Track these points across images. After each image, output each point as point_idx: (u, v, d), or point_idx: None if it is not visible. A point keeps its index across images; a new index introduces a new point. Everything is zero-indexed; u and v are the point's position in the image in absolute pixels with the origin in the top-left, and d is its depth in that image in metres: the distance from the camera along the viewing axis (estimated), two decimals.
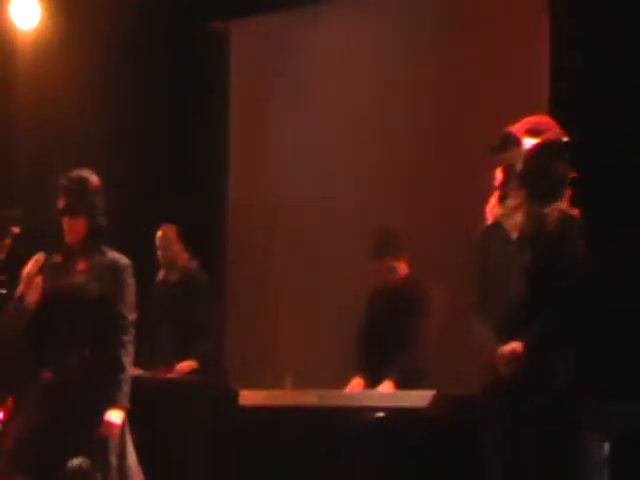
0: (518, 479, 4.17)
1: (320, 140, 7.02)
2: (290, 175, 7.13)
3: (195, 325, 6.48)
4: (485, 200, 4.48)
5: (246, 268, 7.28)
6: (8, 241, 4.74)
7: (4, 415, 5.26)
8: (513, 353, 4.23)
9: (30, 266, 4.70)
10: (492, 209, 4.49)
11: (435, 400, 5.39)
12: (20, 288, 4.68)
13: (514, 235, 4.35)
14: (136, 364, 6.08)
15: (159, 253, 6.72)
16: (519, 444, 4.18)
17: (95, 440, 4.51)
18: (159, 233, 6.71)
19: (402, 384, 5.63)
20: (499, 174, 4.43)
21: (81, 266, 4.73)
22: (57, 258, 4.75)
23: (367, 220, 6.49)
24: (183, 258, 6.74)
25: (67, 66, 7.19)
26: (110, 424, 4.54)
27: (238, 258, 7.33)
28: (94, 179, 4.81)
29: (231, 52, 7.53)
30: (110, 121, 7.12)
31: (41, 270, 4.70)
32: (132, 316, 4.70)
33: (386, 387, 5.68)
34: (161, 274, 6.78)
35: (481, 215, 4.49)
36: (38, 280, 4.69)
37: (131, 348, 4.70)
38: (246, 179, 7.44)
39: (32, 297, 4.68)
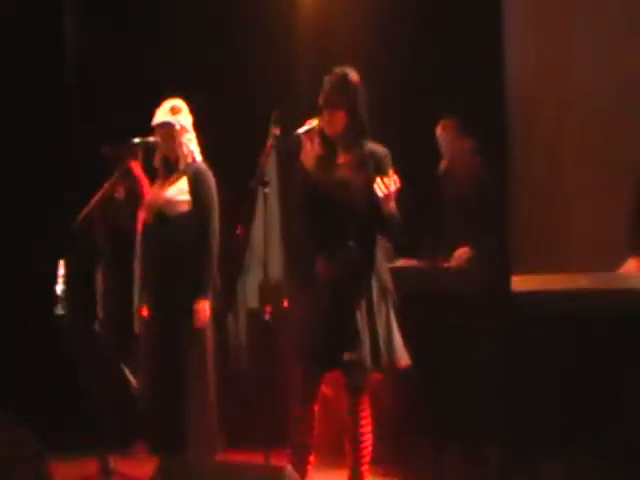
0: None
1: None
2: (580, 50, 6.94)
3: (482, 218, 6.43)
4: None
5: (532, 151, 7.15)
6: (271, 142, 4.93)
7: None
8: None
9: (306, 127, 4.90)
10: None
11: None
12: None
13: None
14: (418, 254, 6.42)
15: (442, 144, 6.65)
16: None
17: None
18: (441, 124, 6.65)
19: None
20: None
21: (342, 159, 4.92)
22: (319, 151, 4.93)
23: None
24: (466, 150, 6.65)
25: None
26: None
27: (523, 145, 7.21)
28: (354, 75, 4.96)
29: None
30: (388, 30, 7.07)
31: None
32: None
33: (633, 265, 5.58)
34: (444, 165, 6.73)
35: None
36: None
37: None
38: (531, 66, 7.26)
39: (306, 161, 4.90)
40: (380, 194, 4.63)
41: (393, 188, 4.63)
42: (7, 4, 7.56)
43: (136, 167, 5.71)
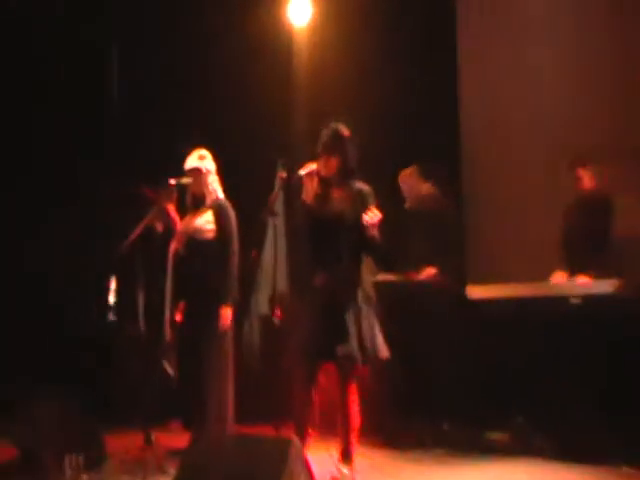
0: None
1: (535, 75, 6.77)
2: (514, 105, 6.95)
3: (442, 243, 6.39)
4: None
5: (480, 186, 7.16)
6: (279, 182, 4.95)
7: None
8: None
9: (306, 169, 4.90)
10: None
11: (623, 285, 5.27)
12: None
13: None
14: (392, 269, 6.40)
15: (403, 189, 6.66)
16: None
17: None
18: (401, 175, 6.65)
19: (597, 277, 5.47)
20: None
21: (336, 195, 4.90)
22: (317, 188, 4.93)
23: (569, 138, 6.26)
24: (426, 190, 6.63)
25: (336, 54, 7.24)
26: None
27: (473, 179, 7.20)
28: (345, 129, 4.95)
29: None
30: (364, 91, 7.11)
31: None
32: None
33: (584, 279, 5.54)
34: (407, 204, 6.70)
35: None
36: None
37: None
38: (476, 111, 7.26)
39: (307, 197, 4.89)
40: (366, 223, 4.63)
41: (376, 219, 4.65)
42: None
43: (171, 209, 5.70)
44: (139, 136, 7.57)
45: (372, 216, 4.62)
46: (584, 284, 5.49)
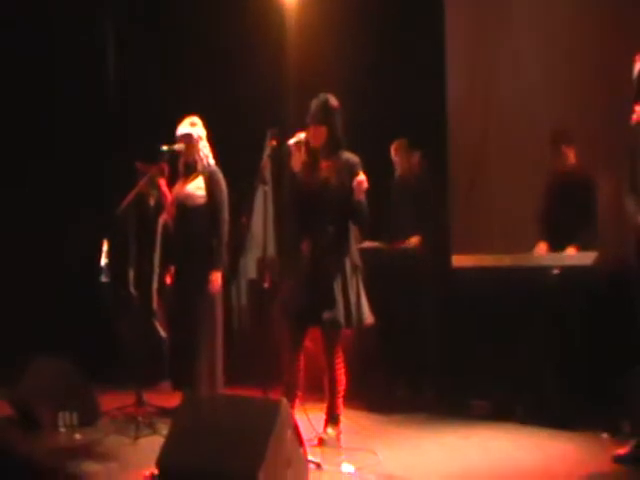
0: None
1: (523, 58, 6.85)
2: (499, 84, 7.03)
3: (426, 210, 6.57)
4: None
5: (465, 159, 7.25)
6: (268, 151, 4.96)
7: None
8: None
9: (295, 139, 4.97)
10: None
11: (600, 258, 5.39)
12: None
13: None
14: (378, 238, 6.52)
15: (395, 160, 6.81)
16: None
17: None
18: (393, 146, 6.78)
19: (583, 249, 5.59)
20: None
21: (323, 165, 4.96)
22: (305, 158, 4.99)
23: (553, 118, 6.32)
24: (414, 160, 6.78)
25: (326, 30, 7.30)
26: None
27: (458, 150, 7.26)
28: (334, 100, 4.99)
29: None
30: (356, 64, 7.20)
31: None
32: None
33: (570, 251, 5.65)
34: (397, 174, 6.85)
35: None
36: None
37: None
38: (463, 85, 7.34)
39: (295, 166, 4.95)
40: (354, 186, 4.70)
41: (364, 183, 4.71)
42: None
43: (162, 184, 5.74)
44: (133, 111, 7.61)
45: (360, 180, 4.71)
46: (572, 255, 5.59)
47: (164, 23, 7.68)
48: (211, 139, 5.75)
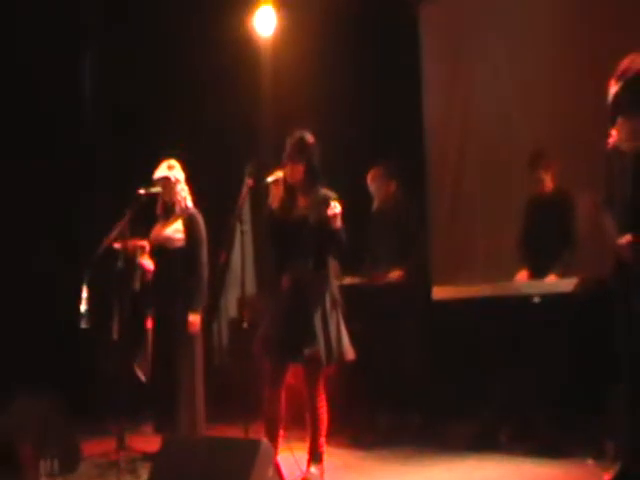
0: None
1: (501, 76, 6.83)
2: (477, 109, 7.01)
3: (406, 241, 6.45)
4: None
5: (443, 187, 7.20)
6: (246, 189, 4.91)
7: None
8: (628, 243, 4.27)
9: (273, 177, 4.93)
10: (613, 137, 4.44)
11: (580, 284, 5.34)
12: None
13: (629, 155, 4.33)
14: (358, 273, 6.44)
15: (372, 189, 6.68)
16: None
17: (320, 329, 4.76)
18: (370, 175, 6.67)
19: (565, 273, 5.54)
20: None
21: (301, 202, 4.93)
22: (284, 195, 4.94)
23: (533, 138, 6.30)
24: (391, 189, 6.64)
25: (301, 62, 7.29)
26: None
27: (436, 179, 7.26)
28: (310, 137, 4.95)
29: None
30: (332, 95, 7.19)
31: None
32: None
33: (551, 279, 5.59)
34: (375, 204, 6.73)
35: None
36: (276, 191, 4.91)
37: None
38: (441, 117, 7.33)
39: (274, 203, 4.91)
40: (328, 215, 4.64)
41: (337, 210, 4.65)
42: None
43: (144, 264, 5.68)
44: (109, 152, 7.56)
45: (333, 207, 4.65)
46: (553, 283, 5.55)
47: (139, 57, 7.64)
48: (189, 178, 5.71)
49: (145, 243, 5.75)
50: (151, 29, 7.60)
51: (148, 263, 5.65)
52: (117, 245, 6.01)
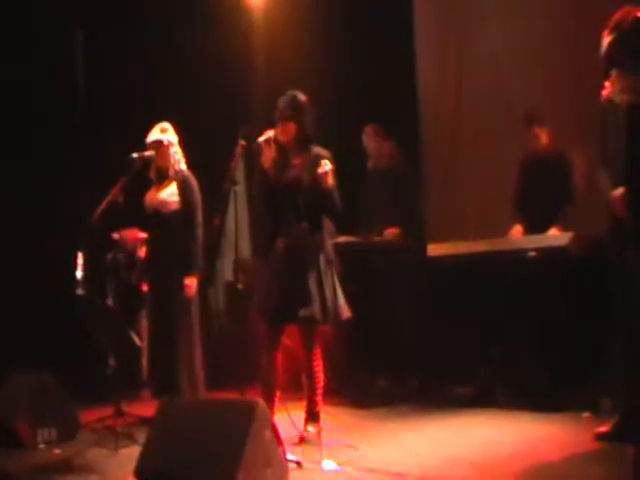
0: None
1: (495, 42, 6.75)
2: (472, 71, 6.95)
3: (403, 199, 6.43)
4: None
5: (438, 146, 7.14)
6: (239, 150, 4.84)
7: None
8: (621, 197, 4.24)
9: (264, 136, 4.84)
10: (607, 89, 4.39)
11: (574, 241, 5.31)
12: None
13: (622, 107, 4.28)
14: (354, 231, 6.40)
15: (367, 146, 6.63)
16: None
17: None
18: (365, 131, 6.62)
19: (565, 230, 5.52)
20: None
21: (294, 161, 4.88)
22: (275, 154, 4.88)
23: (526, 100, 6.24)
24: (387, 148, 6.61)
25: (294, 25, 7.25)
26: None
27: (431, 137, 7.20)
28: (302, 96, 4.91)
29: None
30: (323, 61, 7.11)
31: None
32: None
33: (553, 232, 5.56)
34: (371, 163, 6.69)
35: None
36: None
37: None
38: (435, 79, 7.26)
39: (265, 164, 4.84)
40: (319, 174, 4.59)
41: (328, 168, 4.60)
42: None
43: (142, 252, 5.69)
44: (102, 116, 7.47)
45: (324, 165, 4.60)
46: (548, 237, 5.52)
47: (131, 24, 7.51)
48: (182, 142, 5.66)
49: (144, 235, 5.73)
50: None
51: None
52: (116, 236, 6.03)
